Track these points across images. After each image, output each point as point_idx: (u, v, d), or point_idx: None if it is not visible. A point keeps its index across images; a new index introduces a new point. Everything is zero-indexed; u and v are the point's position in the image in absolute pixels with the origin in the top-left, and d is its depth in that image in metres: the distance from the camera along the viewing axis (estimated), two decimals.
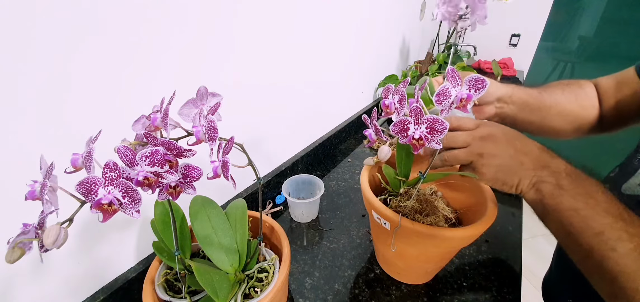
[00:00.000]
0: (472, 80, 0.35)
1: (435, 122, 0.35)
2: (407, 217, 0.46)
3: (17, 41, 0.32)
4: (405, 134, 0.36)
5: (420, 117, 0.35)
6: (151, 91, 0.46)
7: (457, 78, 0.36)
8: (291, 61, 0.73)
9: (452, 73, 0.36)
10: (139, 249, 0.53)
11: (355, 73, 1.05)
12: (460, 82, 0.36)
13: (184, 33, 0.48)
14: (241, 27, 0.57)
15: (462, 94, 0.35)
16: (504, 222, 0.70)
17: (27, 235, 0.26)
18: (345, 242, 0.66)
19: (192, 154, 0.31)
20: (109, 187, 0.25)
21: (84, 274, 0.46)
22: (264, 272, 0.46)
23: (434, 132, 0.35)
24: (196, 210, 0.45)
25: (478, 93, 0.35)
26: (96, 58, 0.38)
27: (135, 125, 0.33)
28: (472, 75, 0.35)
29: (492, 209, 0.46)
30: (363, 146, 1.07)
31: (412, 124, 0.36)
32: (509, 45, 1.94)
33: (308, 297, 0.55)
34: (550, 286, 0.64)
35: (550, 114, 0.55)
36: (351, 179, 0.88)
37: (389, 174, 0.56)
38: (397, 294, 0.55)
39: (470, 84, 0.35)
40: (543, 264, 0.65)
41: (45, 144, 0.37)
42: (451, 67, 0.36)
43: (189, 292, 0.44)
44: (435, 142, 0.35)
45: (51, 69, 0.35)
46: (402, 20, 1.32)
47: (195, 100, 0.34)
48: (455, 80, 0.36)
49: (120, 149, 0.27)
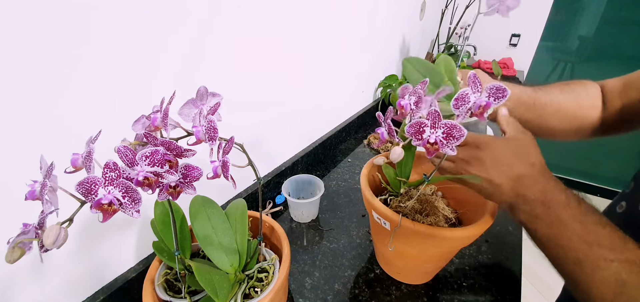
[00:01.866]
0: (493, 88, 0.34)
1: (453, 128, 0.33)
2: (407, 217, 0.46)
3: (17, 41, 0.32)
4: (420, 137, 0.35)
5: (438, 122, 0.34)
6: (151, 91, 0.46)
7: (478, 84, 0.34)
8: (291, 61, 0.73)
9: (473, 79, 0.34)
10: (139, 249, 0.53)
11: (355, 73, 1.05)
12: (480, 88, 0.34)
13: (184, 33, 0.48)
14: (241, 27, 0.57)
15: (481, 101, 0.34)
16: (504, 222, 0.70)
17: (27, 235, 0.26)
18: (345, 242, 0.66)
19: (192, 154, 0.31)
20: (109, 187, 0.25)
21: (84, 274, 0.46)
22: (264, 272, 0.46)
23: (451, 138, 0.34)
24: (196, 210, 0.45)
25: (498, 102, 0.34)
26: (96, 58, 0.38)
27: (135, 125, 0.33)
28: (494, 83, 0.34)
29: (492, 209, 0.46)
30: (363, 146, 1.07)
31: (428, 127, 0.34)
32: (509, 45, 1.94)
33: (308, 297, 0.55)
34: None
35: (546, 113, 0.53)
36: (351, 179, 0.88)
37: (389, 174, 0.56)
38: (397, 294, 0.55)
39: (491, 92, 0.34)
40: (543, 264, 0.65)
41: (45, 144, 0.37)
42: (473, 72, 0.35)
43: (189, 292, 0.44)
44: (449, 149, 0.34)
45: (51, 69, 0.35)
46: (402, 20, 1.32)
47: (195, 100, 0.34)
48: (476, 86, 0.34)
49: (120, 149, 0.27)
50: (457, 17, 1.59)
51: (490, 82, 0.35)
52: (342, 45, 0.91)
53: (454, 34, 1.59)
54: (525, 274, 1.19)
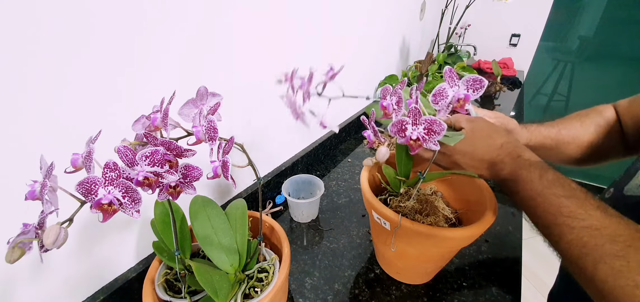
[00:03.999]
0: (469, 80, 0.35)
1: (432, 124, 0.35)
2: (407, 217, 0.46)
3: (18, 41, 0.32)
4: (403, 135, 0.36)
5: (419, 118, 0.35)
6: (151, 91, 0.46)
7: (454, 78, 0.35)
8: (291, 61, 0.73)
9: (449, 73, 0.36)
10: (139, 249, 0.53)
11: (355, 73, 1.05)
12: (457, 82, 0.35)
13: (184, 33, 0.48)
14: (241, 27, 0.57)
15: (459, 94, 0.35)
16: (504, 222, 0.70)
17: (27, 235, 0.26)
18: (345, 242, 0.66)
19: (192, 154, 0.31)
20: (109, 187, 0.25)
21: (84, 274, 0.46)
22: (264, 272, 0.46)
23: (432, 133, 0.35)
24: (196, 210, 0.45)
25: (476, 93, 0.35)
26: (96, 58, 0.38)
27: (135, 125, 0.33)
28: (470, 75, 0.35)
29: (492, 209, 0.46)
30: (363, 146, 1.07)
31: (409, 125, 0.36)
32: (509, 45, 1.94)
33: (308, 297, 0.55)
34: (556, 299, 0.64)
35: (569, 149, 0.56)
36: (351, 179, 0.88)
37: (389, 174, 0.56)
38: (397, 294, 0.55)
39: (467, 84, 0.35)
40: (543, 264, 0.65)
41: (45, 144, 0.37)
42: (448, 67, 0.36)
43: (189, 292, 0.44)
44: (432, 143, 0.35)
45: (51, 69, 0.35)
46: (402, 20, 1.32)
47: (195, 100, 0.34)
48: (452, 80, 0.35)
49: (120, 149, 0.27)
50: (457, 17, 1.60)
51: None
52: (342, 45, 0.91)
53: (454, 34, 1.59)
54: (525, 274, 1.19)
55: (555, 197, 0.35)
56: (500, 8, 1.76)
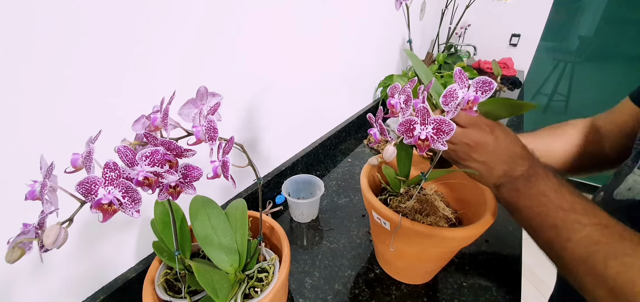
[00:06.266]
0: (479, 82, 0.34)
1: (441, 124, 0.34)
2: (407, 217, 0.46)
3: (18, 41, 0.32)
4: (411, 135, 0.36)
5: (427, 118, 0.34)
6: (151, 91, 0.46)
7: (464, 79, 0.35)
8: (291, 61, 0.73)
9: (459, 74, 0.35)
10: (139, 249, 0.53)
11: (355, 73, 1.05)
12: (467, 83, 0.35)
13: (185, 33, 0.48)
14: (241, 28, 0.57)
15: (469, 96, 0.34)
16: (504, 222, 0.70)
17: (27, 235, 0.26)
18: (345, 242, 0.66)
19: (192, 154, 0.31)
20: (109, 187, 0.25)
21: (84, 274, 0.46)
22: (264, 272, 0.46)
23: (441, 133, 0.34)
24: (196, 210, 0.45)
25: (485, 95, 0.34)
26: (96, 58, 0.38)
27: (135, 125, 0.33)
28: (480, 78, 0.35)
29: (492, 209, 0.46)
30: (363, 146, 1.07)
31: (418, 125, 0.35)
32: (509, 45, 1.94)
33: (308, 297, 0.55)
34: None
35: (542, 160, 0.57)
36: (351, 179, 0.88)
37: (389, 174, 0.56)
38: (397, 294, 0.55)
39: (477, 86, 0.34)
40: (543, 263, 0.65)
41: (45, 144, 0.37)
42: (459, 68, 0.36)
43: (189, 292, 0.44)
44: (440, 144, 0.35)
45: (51, 68, 0.35)
46: (402, 20, 1.31)
47: (195, 100, 0.34)
48: (462, 82, 0.35)
49: (120, 149, 0.27)
50: (457, 17, 1.59)
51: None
52: (342, 45, 0.91)
53: (454, 34, 1.59)
54: (525, 274, 1.19)
55: (570, 194, 0.36)
56: (500, 8, 1.76)
